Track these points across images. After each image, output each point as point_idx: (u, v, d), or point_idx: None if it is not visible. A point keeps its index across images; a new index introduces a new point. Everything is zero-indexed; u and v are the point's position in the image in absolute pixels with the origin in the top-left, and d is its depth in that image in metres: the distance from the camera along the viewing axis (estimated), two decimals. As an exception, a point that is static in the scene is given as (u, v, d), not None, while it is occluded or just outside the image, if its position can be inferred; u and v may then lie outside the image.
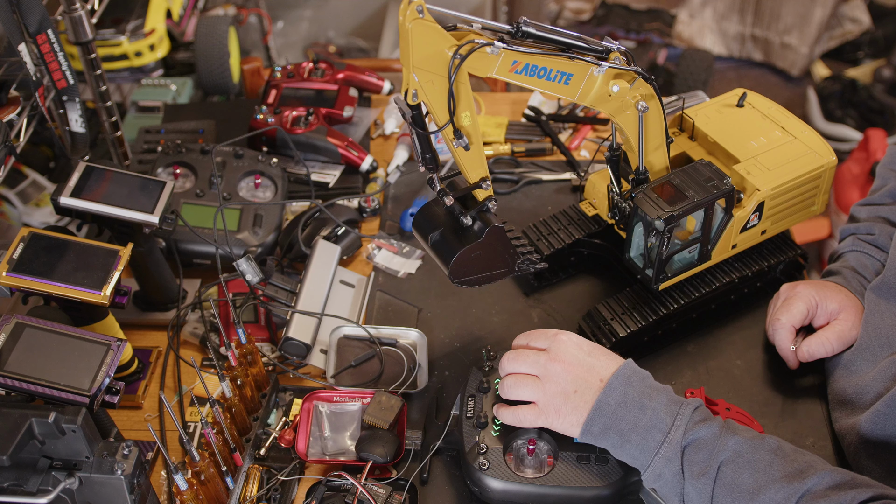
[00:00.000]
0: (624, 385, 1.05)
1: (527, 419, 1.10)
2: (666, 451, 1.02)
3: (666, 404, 1.04)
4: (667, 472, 1.02)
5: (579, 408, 1.06)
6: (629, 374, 1.06)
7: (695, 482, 1.00)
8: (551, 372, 1.08)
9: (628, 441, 1.03)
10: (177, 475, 1.01)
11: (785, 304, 1.28)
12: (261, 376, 1.26)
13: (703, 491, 0.99)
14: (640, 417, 1.03)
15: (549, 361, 1.08)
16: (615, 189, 1.32)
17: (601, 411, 1.04)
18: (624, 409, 1.04)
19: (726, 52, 3.76)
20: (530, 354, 1.11)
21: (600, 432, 1.05)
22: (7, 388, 1.04)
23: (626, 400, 1.04)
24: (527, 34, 1.07)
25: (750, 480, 0.97)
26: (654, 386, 1.06)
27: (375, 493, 1.10)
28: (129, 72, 2.21)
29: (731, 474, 0.98)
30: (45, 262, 1.15)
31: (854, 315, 1.26)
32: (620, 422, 1.04)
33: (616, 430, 1.04)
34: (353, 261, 1.53)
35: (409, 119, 1.07)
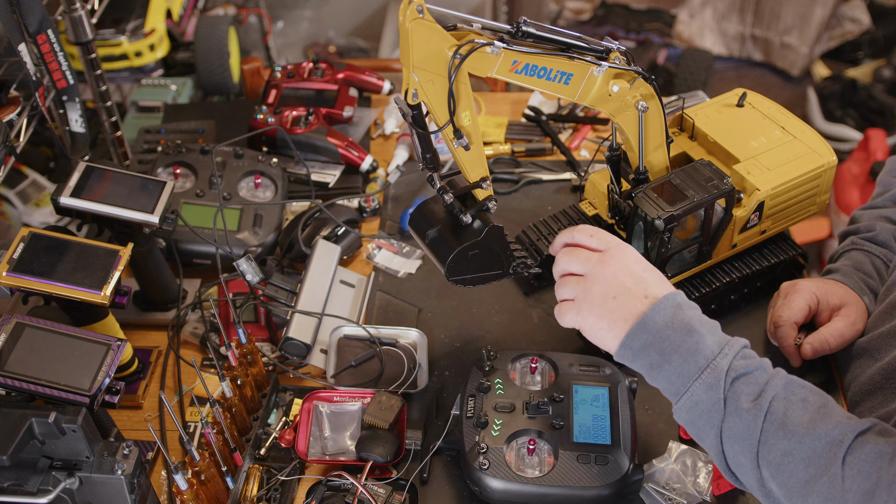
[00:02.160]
0: (673, 307, 1.01)
1: (566, 316, 1.06)
2: (708, 377, 0.97)
3: (714, 334, 1.00)
4: (706, 399, 0.97)
5: (617, 316, 1.02)
6: (680, 301, 1.02)
7: (742, 414, 0.95)
8: (598, 273, 1.04)
9: (668, 361, 0.99)
10: (177, 475, 1.01)
11: (787, 302, 1.28)
12: (261, 376, 1.26)
13: (751, 424, 0.94)
14: (686, 340, 0.98)
15: (599, 262, 1.04)
16: (615, 189, 1.32)
17: (646, 327, 1.00)
18: (670, 329, 0.99)
19: (726, 52, 3.76)
20: (583, 252, 1.06)
21: (640, 348, 1.01)
22: (7, 388, 1.04)
23: (673, 321, 1.00)
24: (527, 34, 1.07)
25: (804, 417, 0.93)
26: (704, 318, 1.02)
27: (375, 493, 1.10)
28: (129, 72, 2.21)
29: (783, 409, 0.94)
30: (46, 262, 1.15)
31: (855, 311, 1.25)
32: (664, 341, 0.99)
33: (658, 348, 0.99)
34: (353, 261, 1.53)
35: (409, 119, 1.08)
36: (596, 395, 1.20)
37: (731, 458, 0.98)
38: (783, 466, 0.92)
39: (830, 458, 0.90)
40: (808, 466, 0.91)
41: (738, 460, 0.97)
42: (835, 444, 0.91)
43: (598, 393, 1.20)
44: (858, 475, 0.89)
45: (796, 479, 0.91)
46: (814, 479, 0.90)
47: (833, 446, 0.91)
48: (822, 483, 0.90)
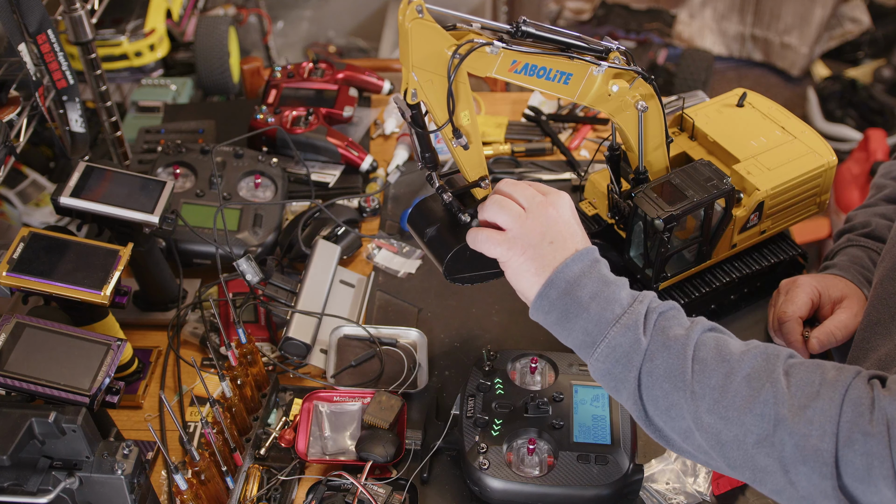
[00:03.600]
0: (591, 260, 1.02)
1: (491, 239, 1.04)
2: (627, 319, 0.97)
3: (626, 288, 1.01)
4: (624, 342, 0.96)
5: (546, 262, 1.02)
6: (597, 256, 1.03)
7: (671, 346, 0.94)
8: (541, 213, 1.03)
9: (586, 309, 0.98)
10: (177, 475, 1.01)
11: (789, 297, 1.28)
12: (261, 376, 1.26)
13: (681, 355, 0.93)
14: (604, 289, 0.99)
15: (542, 204, 1.04)
16: (615, 189, 1.32)
17: (564, 274, 1.00)
18: (588, 279, 1.00)
19: (726, 52, 3.76)
20: (530, 188, 1.06)
21: (558, 296, 1.00)
22: (7, 388, 1.04)
23: (591, 271, 1.00)
24: (526, 34, 1.07)
25: (736, 344, 0.94)
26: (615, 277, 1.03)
27: (375, 493, 1.10)
28: (129, 72, 2.21)
29: (714, 339, 0.94)
30: (46, 262, 1.15)
31: (857, 302, 1.25)
32: (583, 289, 0.99)
33: (574, 296, 0.99)
34: (353, 261, 1.54)
35: (408, 118, 1.08)
36: (596, 395, 1.20)
37: (659, 400, 0.95)
38: (726, 389, 0.91)
39: (770, 369, 0.90)
40: (751, 381, 0.90)
41: (668, 400, 0.94)
42: (772, 357, 0.92)
43: (597, 393, 1.20)
44: (801, 381, 0.89)
45: (741, 398, 0.90)
46: (757, 390, 0.89)
47: (771, 359, 0.91)
48: (766, 391, 0.89)
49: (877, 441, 0.83)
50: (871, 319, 1.18)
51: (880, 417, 0.84)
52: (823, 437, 0.85)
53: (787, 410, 0.87)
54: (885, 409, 0.84)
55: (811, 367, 0.90)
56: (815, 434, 0.85)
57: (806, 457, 0.86)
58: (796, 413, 0.87)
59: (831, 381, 0.88)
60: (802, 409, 0.86)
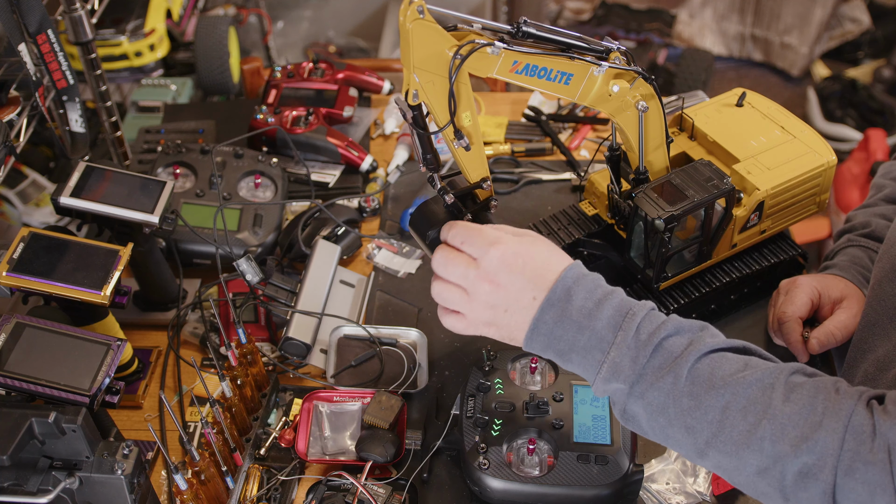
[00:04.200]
0: (562, 301, 0.96)
1: (456, 327, 1.03)
2: (607, 371, 0.95)
3: (608, 319, 0.95)
4: (610, 389, 0.96)
5: (512, 326, 0.99)
6: (569, 287, 0.97)
7: (657, 385, 0.92)
8: (479, 291, 0.99)
9: (569, 361, 0.98)
10: (177, 475, 1.01)
11: (789, 297, 1.28)
12: (261, 376, 1.26)
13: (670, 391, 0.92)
14: (578, 338, 0.96)
15: (476, 279, 0.99)
16: (615, 189, 1.32)
17: (538, 330, 0.97)
18: (561, 329, 0.96)
19: (726, 52, 3.76)
20: (460, 265, 1.00)
21: (541, 349, 0.99)
22: (7, 388, 1.04)
23: (563, 319, 0.96)
24: (527, 34, 1.06)
25: (730, 369, 0.91)
26: (596, 295, 0.97)
27: (375, 493, 1.10)
28: (129, 72, 2.21)
29: (708, 368, 0.92)
30: (45, 262, 1.15)
31: (857, 302, 1.25)
32: (559, 342, 0.97)
33: (555, 349, 0.98)
34: (353, 261, 1.54)
35: (409, 119, 1.07)
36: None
37: (657, 431, 0.95)
38: (723, 424, 0.89)
39: (767, 400, 0.88)
40: (748, 415, 0.89)
41: (665, 433, 0.94)
42: (769, 383, 0.89)
43: (598, 393, 1.20)
44: (801, 409, 0.87)
45: (738, 432, 0.89)
46: (754, 426, 0.88)
47: (768, 387, 0.89)
48: (763, 427, 0.88)
49: (878, 469, 0.83)
50: (868, 320, 1.17)
51: (881, 444, 0.84)
52: (824, 468, 0.85)
53: (786, 445, 0.87)
54: (886, 434, 0.84)
55: (812, 391, 0.89)
56: (816, 465, 0.85)
57: (807, 485, 0.86)
58: (797, 445, 0.86)
59: (833, 408, 0.87)
60: (804, 441, 0.86)
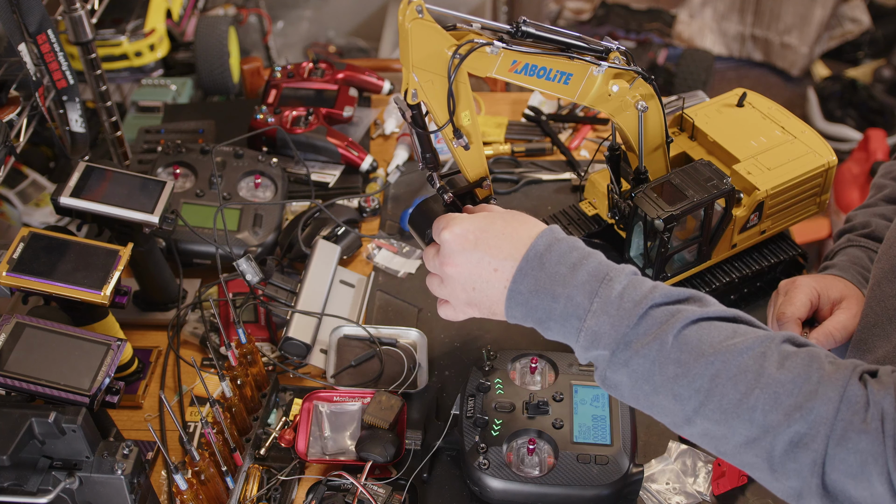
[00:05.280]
0: (535, 269, 0.95)
1: (448, 315, 1.05)
2: (585, 339, 0.93)
3: (583, 284, 0.93)
4: (591, 357, 0.94)
5: (488, 302, 1.00)
6: (541, 253, 0.96)
7: (642, 351, 0.90)
8: (447, 275, 1.01)
9: (548, 329, 0.96)
10: (177, 475, 1.01)
11: (788, 298, 1.28)
12: (261, 376, 1.26)
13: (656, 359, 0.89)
14: (554, 306, 0.94)
15: (442, 265, 1.01)
16: (615, 189, 1.32)
17: (514, 300, 0.97)
18: (536, 298, 0.95)
19: (726, 52, 3.76)
20: (430, 256, 1.03)
21: (521, 319, 0.98)
22: (7, 388, 1.04)
23: (537, 287, 0.95)
24: (526, 34, 1.07)
25: (719, 336, 0.89)
26: (572, 262, 0.95)
27: (375, 493, 1.10)
28: (129, 72, 2.21)
29: (696, 335, 0.89)
30: (45, 262, 1.15)
31: (856, 303, 1.25)
32: (535, 311, 0.96)
33: (533, 318, 0.97)
34: (353, 261, 1.54)
35: (409, 119, 1.07)
36: (596, 395, 1.20)
37: (640, 399, 0.93)
38: (712, 392, 0.87)
39: (760, 368, 0.86)
40: (738, 383, 0.87)
41: (649, 401, 0.92)
42: (761, 351, 0.87)
43: (597, 393, 1.20)
44: (796, 377, 0.85)
45: (728, 401, 0.87)
46: (746, 395, 0.86)
47: (759, 355, 0.87)
48: (755, 395, 0.86)
49: (871, 438, 0.82)
50: (868, 321, 1.17)
51: (875, 413, 0.82)
52: (816, 438, 0.84)
53: (779, 414, 0.85)
54: (881, 403, 0.82)
55: (806, 359, 0.87)
56: (808, 434, 0.84)
57: (797, 455, 0.85)
58: (790, 414, 0.85)
59: (829, 378, 0.85)
60: (797, 409, 0.84)
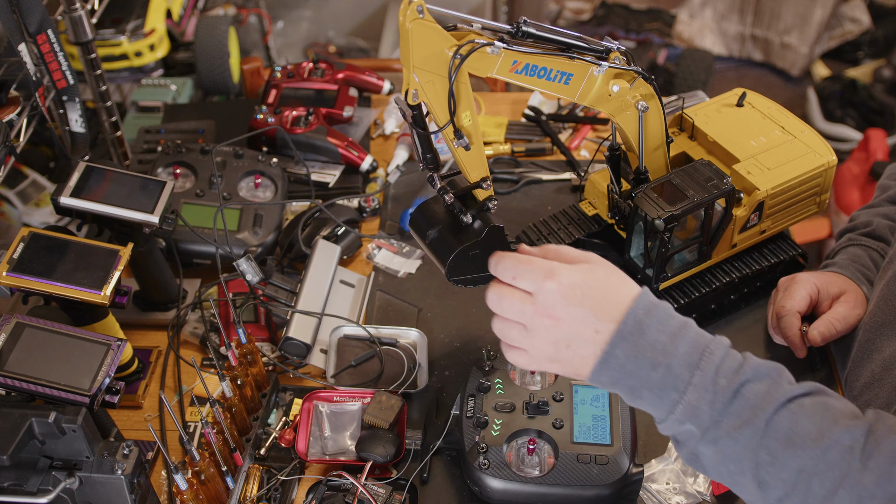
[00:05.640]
0: (635, 335, 0.90)
1: (520, 363, 0.98)
2: (681, 412, 0.89)
3: (683, 356, 0.89)
4: (683, 431, 0.91)
5: (577, 363, 0.94)
6: (641, 319, 0.91)
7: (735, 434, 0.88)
8: (538, 326, 0.94)
9: (640, 397, 0.92)
10: (177, 475, 1.01)
11: (788, 292, 1.27)
12: (261, 376, 1.26)
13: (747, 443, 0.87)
14: (652, 375, 0.89)
15: (535, 314, 0.94)
16: (615, 189, 1.32)
17: (608, 365, 0.91)
18: (633, 365, 0.90)
19: (726, 52, 3.76)
20: (515, 302, 0.96)
21: (609, 384, 0.93)
22: (7, 388, 1.04)
23: (635, 354, 0.90)
24: (527, 34, 1.07)
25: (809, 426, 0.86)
26: (669, 329, 0.91)
27: (375, 493, 1.10)
28: (129, 72, 2.20)
29: (787, 422, 0.86)
30: (46, 262, 1.15)
31: (854, 297, 1.25)
32: (630, 378, 0.91)
33: (624, 385, 0.92)
34: (353, 261, 1.54)
35: (409, 119, 1.08)
36: (596, 395, 1.20)
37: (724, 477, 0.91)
38: (797, 485, 0.86)
39: (848, 467, 0.84)
40: (825, 481, 0.85)
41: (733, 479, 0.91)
42: (846, 451, 0.85)
43: (597, 393, 1.20)
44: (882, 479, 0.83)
45: (814, 498, 0.86)
46: (832, 492, 0.85)
47: (846, 454, 0.85)
48: (841, 496, 0.84)
49: None
50: (876, 321, 1.17)
51: None
52: None
53: None
54: None
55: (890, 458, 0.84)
56: None
57: None
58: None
59: None
60: None
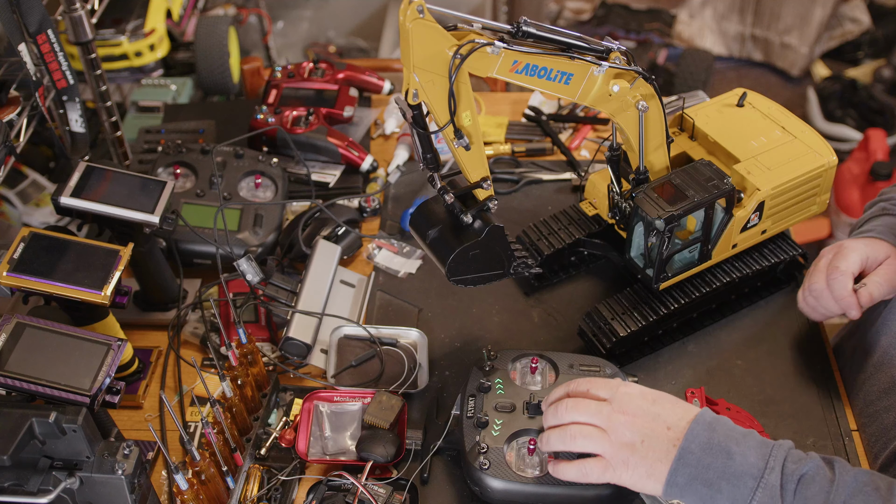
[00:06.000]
0: (707, 430, 0.98)
1: (593, 473, 1.03)
2: (761, 497, 0.94)
3: (755, 447, 0.97)
4: None
5: (651, 459, 0.99)
6: (710, 420, 0.99)
7: None
8: (616, 423, 1.01)
9: (718, 491, 0.96)
10: (177, 475, 1.01)
11: (840, 255, 1.24)
12: (261, 376, 1.26)
13: None
14: (729, 464, 0.95)
15: (612, 412, 1.01)
16: (615, 189, 1.32)
17: (685, 460, 0.97)
18: (710, 456, 0.96)
19: (726, 52, 3.76)
20: (592, 404, 1.03)
21: (686, 483, 0.97)
22: (7, 388, 1.04)
23: (710, 445, 0.97)
24: (527, 34, 1.07)
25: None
26: (738, 430, 0.99)
27: (376, 493, 1.10)
28: (129, 72, 2.20)
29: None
30: (46, 262, 1.15)
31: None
32: (707, 470, 0.96)
33: (703, 479, 0.96)
34: (354, 261, 1.54)
35: (409, 119, 1.08)
36: (596, 395, 1.20)
37: None
38: None
39: None
40: None
41: None
42: None
43: (598, 393, 1.20)
44: None
45: None
46: None
47: None
48: None
49: None
50: None
51: None
52: None
53: None
54: None
55: None
56: None
57: None
58: None
59: None
60: None
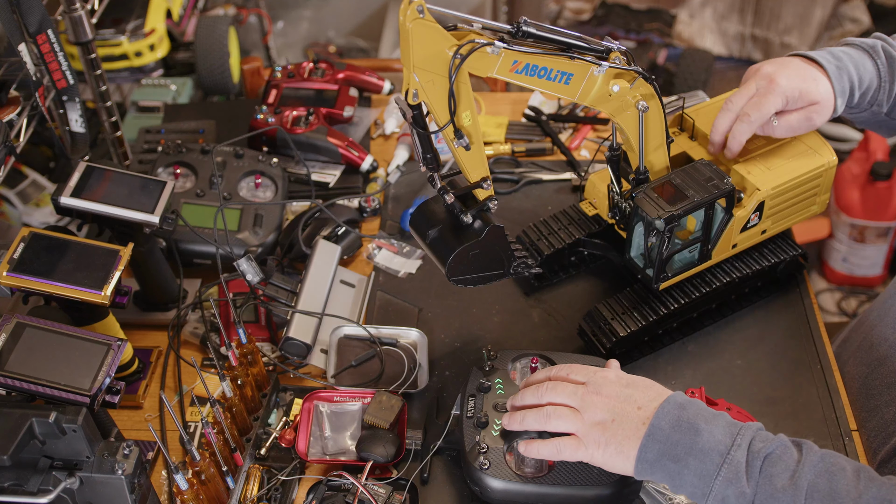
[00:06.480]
0: (677, 409, 1.01)
1: (567, 451, 1.06)
2: (727, 472, 0.96)
3: (724, 426, 0.99)
4: (730, 494, 0.96)
5: (621, 437, 1.02)
6: (682, 401, 1.02)
7: (778, 497, 0.94)
8: (589, 403, 1.05)
9: (686, 466, 0.98)
10: (177, 475, 1.01)
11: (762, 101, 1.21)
12: (261, 376, 1.26)
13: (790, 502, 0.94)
14: (696, 440, 0.98)
15: (587, 394, 1.06)
16: (615, 189, 1.32)
17: (654, 436, 1.00)
18: (678, 433, 0.99)
19: (726, 52, 3.76)
20: (569, 386, 1.08)
21: (655, 459, 1.00)
22: (7, 388, 1.04)
23: (679, 423, 1.00)
24: (527, 34, 1.07)
25: (849, 486, 0.93)
26: (709, 410, 1.02)
27: (376, 493, 1.10)
28: (129, 72, 2.20)
29: (826, 485, 0.93)
30: (46, 262, 1.15)
31: (823, 109, 1.22)
32: (675, 447, 0.99)
33: (671, 455, 0.99)
34: (354, 261, 1.54)
35: (409, 119, 1.08)
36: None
37: None
38: None
39: None
40: None
41: None
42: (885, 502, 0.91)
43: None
44: None
45: None
46: None
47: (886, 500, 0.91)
48: None
49: None
50: None
51: None
52: None
53: None
54: None
55: None
56: None
57: None
58: None
59: None
60: None
